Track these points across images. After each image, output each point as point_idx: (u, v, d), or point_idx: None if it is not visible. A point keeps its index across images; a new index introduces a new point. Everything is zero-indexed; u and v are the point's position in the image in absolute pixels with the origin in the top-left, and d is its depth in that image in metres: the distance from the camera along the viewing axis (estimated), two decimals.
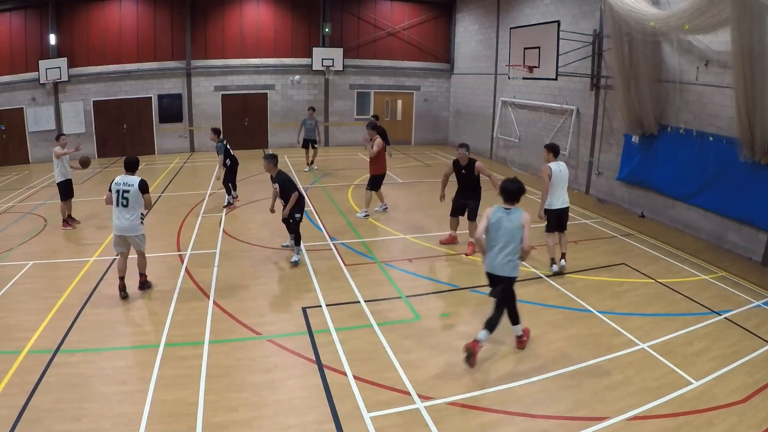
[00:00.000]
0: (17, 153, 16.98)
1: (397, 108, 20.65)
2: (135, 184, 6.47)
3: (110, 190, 6.52)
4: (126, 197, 6.45)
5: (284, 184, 7.70)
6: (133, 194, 6.45)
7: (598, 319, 6.26)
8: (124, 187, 6.47)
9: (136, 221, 6.55)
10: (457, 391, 4.79)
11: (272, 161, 7.80)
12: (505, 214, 5.24)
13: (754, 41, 7.13)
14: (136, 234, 6.62)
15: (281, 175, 7.75)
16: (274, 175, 7.81)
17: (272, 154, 7.94)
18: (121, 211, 6.48)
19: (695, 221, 9.65)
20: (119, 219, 6.50)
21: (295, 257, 7.90)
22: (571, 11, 12.89)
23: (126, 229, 6.53)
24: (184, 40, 17.91)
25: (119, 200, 6.46)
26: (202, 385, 4.83)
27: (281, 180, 7.71)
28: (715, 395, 4.76)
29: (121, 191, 6.46)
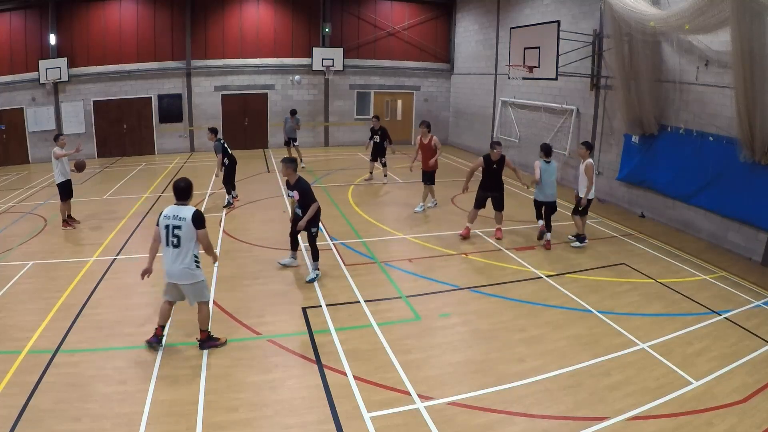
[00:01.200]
0: (17, 153, 16.99)
1: (397, 108, 20.65)
2: (188, 217, 5.12)
3: (158, 225, 5.24)
4: (177, 235, 5.11)
5: (305, 193, 7.03)
6: (185, 231, 5.10)
7: (598, 319, 6.26)
8: (174, 221, 5.12)
9: (190, 265, 5.18)
10: (457, 391, 4.79)
11: (292, 166, 7.07)
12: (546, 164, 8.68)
13: (754, 41, 7.13)
14: (192, 282, 5.24)
15: (302, 183, 7.07)
16: (292, 181, 7.06)
17: (292, 158, 7.25)
18: (172, 252, 5.15)
19: (695, 221, 9.65)
20: (170, 263, 5.18)
21: (312, 275, 7.26)
22: (571, 11, 12.88)
23: (178, 276, 5.18)
24: (184, 40, 17.91)
25: (169, 238, 5.14)
26: (202, 385, 4.83)
27: (301, 188, 7.03)
28: (715, 395, 4.76)
29: (171, 227, 5.13)
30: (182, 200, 5.27)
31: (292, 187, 7.11)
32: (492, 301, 6.70)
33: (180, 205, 5.25)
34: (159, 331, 5.42)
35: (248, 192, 12.52)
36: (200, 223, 5.16)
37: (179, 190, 5.27)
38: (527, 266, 7.89)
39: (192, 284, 5.26)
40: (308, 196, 7.06)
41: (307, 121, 19.64)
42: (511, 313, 6.41)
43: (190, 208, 5.21)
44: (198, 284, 5.30)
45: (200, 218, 5.18)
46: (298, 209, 7.24)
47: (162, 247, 5.23)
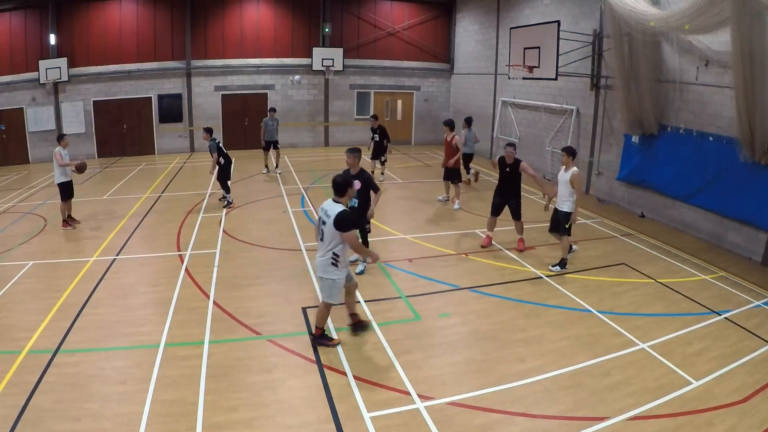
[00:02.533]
0: (17, 153, 17.00)
1: (397, 108, 20.65)
2: (332, 216, 5.07)
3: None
4: (322, 229, 5.20)
5: (368, 182, 7.12)
6: (328, 227, 5.11)
7: (598, 319, 6.26)
8: (323, 215, 5.21)
9: (326, 261, 5.19)
10: (457, 391, 4.79)
11: (359, 156, 7.11)
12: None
13: (754, 41, 7.13)
14: (323, 277, 5.27)
15: (365, 173, 7.17)
16: (355, 171, 7.07)
17: (357, 148, 7.28)
18: (318, 244, 5.28)
19: (695, 221, 9.65)
20: (316, 253, 5.35)
21: (360, 267, 7.57)
22: (571, 11, 12.88)
23: (317, 266, 5.33)
24: (184, 40, 17.91)
25: (318, 230, 5.29)
26: (202, 385, 4.83)
27: (365, 178, 7.09)
28: (715, 395, 4.76)
29: (320, 220, 5.26)
30: (338, 196, 5.27)
31: (354, 176, 6.97)
32: (492, 301, 6.70)
33: (335, 201, 5.26)
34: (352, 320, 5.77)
35: (248, 192, 12.52)
36: (341, 225, 5.04)
37: (336, 185, 5.29)
38: (527, 266, 7.89)
39: (323, 279, 5.31)
40: (372, 184, 7.16)
41: (307, 121, 19.66)
42: (511, 313, 6.41)
43: (339, 207, 5.14)
44: (327, 282, 5.27)
45: (342, 221, 5.04)
46: (355, 199, 7.16)
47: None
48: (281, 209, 10.94)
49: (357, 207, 7.15)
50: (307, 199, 11.80)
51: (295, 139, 19.61)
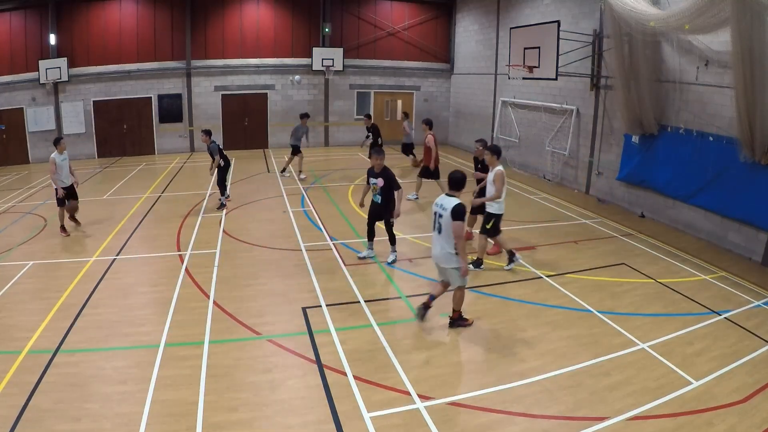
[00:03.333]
0: (17, 153, 17.00)
1: (397, 108, 20.65)
2: (449, 209, 5.50)
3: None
4: (440, 222, 5.64)
5: (390, 180, 7.52)
6: (445, 221, 5.55)
7: (598, 319, 6.26)
8: (439, 210, 5.65)
9: (449, 250, 5.61)
10: (457, 391, 4.79)
11: (383, 156, 7.57)
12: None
13: (754, 41, 7.12)
14: (449, 266, 5.70)
15: (388, 171, 7.58)
16: (379, 169, 7.52)
17: (382, 149, 7.82)
18: (435, 237, 5.76)
19: (695, 221, 9.65)
20: (433, 246, 5.83)
21: (391, 257, 7.93)
22: (571, 11, 12.88)
23: (438, 258, 5.77)
24: (184, 40, 17.91)
25: (434, 223, 5.74)
26: (202, 385, 4.83)
27: (387, 176, 7.52)
28: (715, 395, 4.76)
29: (437, 214, 5.69)
30: (454, 190, 5.66)
31: (378, 174, 7.53)
32: (492, 301, 6.70)
33: (450, 195, 5.64)
34: (427, 301, 5.92)
35: (248, 192, 12.52)
36: (457, 215, 5.48)
37: (453, 180, 5.68)
38: (527, 266, 7.89)
39: (450, 268, 5.69)
40: (395, 183, 7.56)
41: (307, 121, 19.63)
42: (511, 313, 6.41)
43: (455, 200, 5.56)
44: (451, 270, 5.70)
45: (459, 212, 5.49)
46: (379, 196, 7.63)
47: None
48: (281, 209, 10.94)
49: (380, 203, 7.66)
50: (307, 199, 11.80)
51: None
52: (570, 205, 11.71)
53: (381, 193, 7.62)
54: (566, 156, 13.35)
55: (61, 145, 9.33)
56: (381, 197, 7.63)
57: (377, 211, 7.81)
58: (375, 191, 7.73)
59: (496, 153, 7.44)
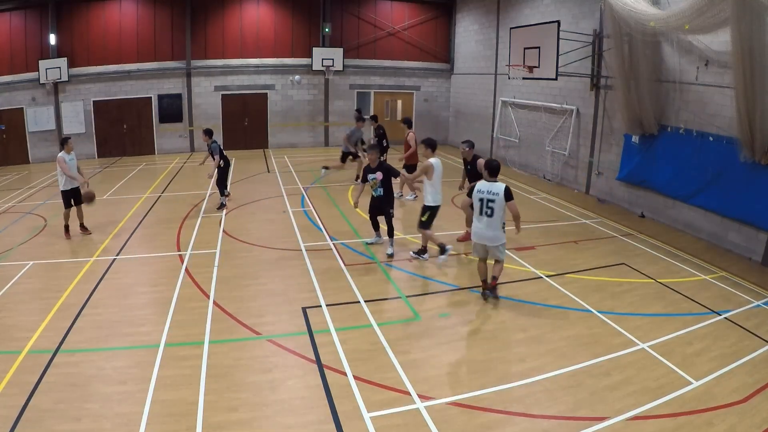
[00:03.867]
0: (17, 153, 17.00)
1: (397, 108, 20.65)
2: (501, 192, 6.20)
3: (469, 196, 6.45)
4: (491, 207, 6.22)
5: (389, 171, 8.03)
6: (498, 203, 6.20)
7: (598, 319, 6.26)
8: (488, 196, 6.24)
9: (499, 231, 6.32)
10: (457, 391, 4.79)
11: (377, 152, 8.15)
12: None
13: (754, 41, 7.12)
14: (498, 244, 6.38)
15: (384, 163, 8.16)
16: (375, 164, 8.03)
17: (375, 144, 8.35)
18: (485, 221, 6.30)
19: (695, 221, 9.65)
20: (481, 228, 6.36)
21: (390, 250, 8.26)
22: (571, 11, 12.89)
23: (488, 238, 6.35)
24: (184, 40, 17.92)
25: (483, 209, 6.27)
26: (202, 385, 4.83)
27: (385, 168, 8.03)
28: (715, 395, 4.76)
29: (485, 200, 6.25)
30: (494, 177, 6.32)
31: (375, 169, 8.00)
32: (492, 301, 6.70)
33: (491, 181, 6.30)
34: (484, 285, 6.60)
35: (248, 192, 12.52)
36: (510, 195, 6.22)
37: (494, 168, 6.35)
38: (527, 266, 7.89)
39: (498, 245, 6.38)
40: (393, 171, 8.08)
41: (307, 121, 19.67)
42: (511, 313, 6.41)
43: (500, 184, 6.26)
44: (502, 245, 6.43)
45: (510, 192, 6.23)
46: (380, 188, 8.03)
47: (475, 215, 6.41)
48: (281, 209, 10.94)
49: (382, 195, 8.05)
50: (307, 199, 11.80)
51: (295, 139, 19.63)
52: (570, 205, 11.71)
53: (381, 185, 8.00)
54: (566, 156, 13.36)
55: (69, 145, 9.08)
56: (382, 189, 8.02)
57: (378, 205, 8.20)
58: (375, 186, 8.04)
59: (430, 146, 7.81)
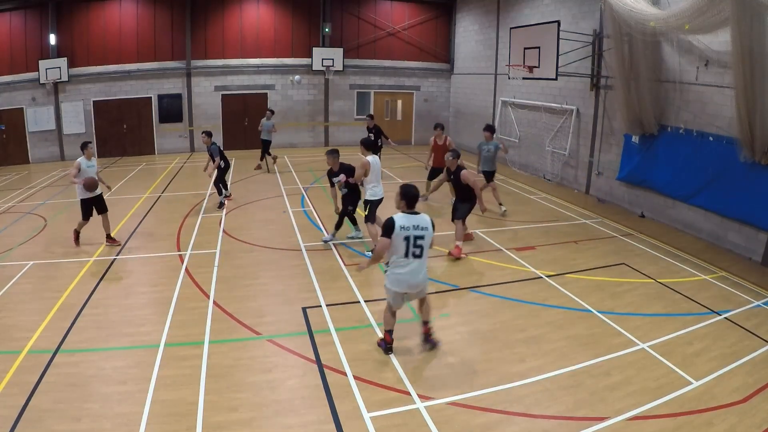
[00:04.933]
0: (17, 153, 17.00)
1: (397, 108, 20.65)
2: (429, 225, 4.98)
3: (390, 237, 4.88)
4: (420, 245, 4.94)
5: (350, 169, 8.31)
6: (428, 240, 4.97)
7: (598, 319, 6.26)
8: (416, 232, 4.91)
9: (426, 270, 5.18)
10: (457, 391, 4.79)
11: (337, 155, 8.39)
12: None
13: (754, 41, 7.12)
14: (426, 284, 5.29)
15: (344, 165, 8.41)
16: (336, 168, 8.33)
17: (335, 149, 8.51)
18: (416, 263, 4.99)
19: (695, 221, 9.65)
20: (415, 273, 5.01)
21: (328, 236, 8.75)
22: (571, 11, 12.89)
23: (418, 284, 5.10)
24: (184, 40, 17.91)
25: (410, 249, 4.92)
26: (202, 385, 4.83)
27: (346, 168, 8.34)
28: (715, 395, 4.76)
29: (412, 237, 4.90)
30: (414, 208, 5.05)
31: (337, 172, 8.34)
32: (492, 301, 6.70)
33: (413, 213, 5.01)
34: (388, 336, 5.37)
35: (248, 192, 12.52)
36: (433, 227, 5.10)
37: (413, 197, 5.03)
38: (527, 266, 7.89)
39: (426, 286, 5.33)
40: (353, 170, 8.27)
41: (307, 121, 19.67)
42: (511, 313, 6.41)
43: (424, 216, 5.05)
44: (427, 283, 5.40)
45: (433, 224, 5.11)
46: (345, 189, 8.39)
47: (396, 258, 4.99)
48: (281, 209, 10.94)
49: (348, 195, 8.43)
50: (307, 199, 11.80)
51: (295, 139, 19.62)
52: (570, 205, 11.71)
53: (347, 186, 8.37)
54: (566, 156, 13.35)
55: (89, 150, 8.48)
56: (348, 189, 8.42)
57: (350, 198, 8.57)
58: (341, 186, 8.43)
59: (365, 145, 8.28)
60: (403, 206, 5.04)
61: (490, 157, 10.71)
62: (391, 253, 4.98)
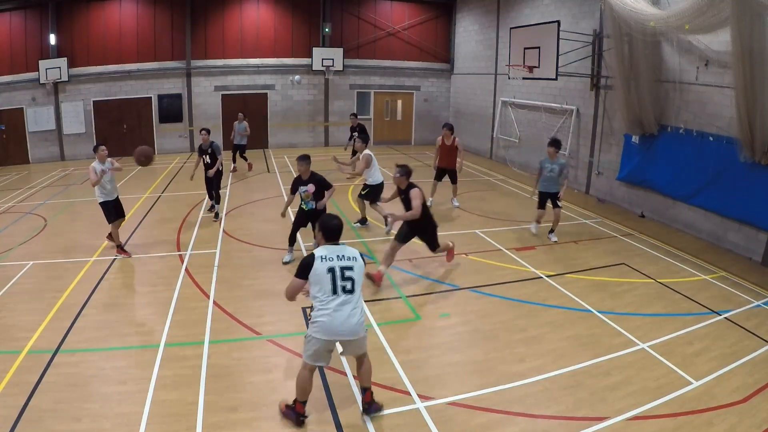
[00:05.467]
0: (17, 153, 17.00)
1: (397, 108, 20.65)
2: (358, 257, 4.22)
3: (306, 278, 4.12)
4: (350, 277, 4.08)
5: (321, 183, 7.53)
6: (358, 270, 4.17)
7: (598, 319, 6.26)
8: (342, 263, 4.10)
9: (361, 312, 4.18)
10: (457, 391, 4.79)
11: (309, 162, 7.52)
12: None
13: (754, 41, 7.12)
14: (364, 334, 4.20)
15: (316, 175, 7.58)
16: (306, 176, 7.51)
17: (306, 155, 7.61)
18: (343, 302, 4.05)
19: (695, 221, 9.65)
20: (344, 316, 4.04)
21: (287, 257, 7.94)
22: (571, 11, 12.89)
23: (354, 330, 4.08)
24: (184, 40, 17.91)
25: (337, 284, 4.05)
26: (202, 385, 4.83)
27: (317, 179, 7.52)
28: (715, 395, 4.76)
29: (338, 269, 4.07)
30: (337, 241, 4.29)
31: (307, 180, 7.47)
32: (492, 301, 6.70)
33: (335, 243, 4.27)
34: (301, 407, 4.27)
35: (248, 192, 12.52)
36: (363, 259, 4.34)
37: (336, 229, 4.26)
38: (527, 266, 7.89)
39: (363, 336, 4.19)
40: (325, 184, 7.55)
41: (307, 121, 19.67)
42: (511, 313, 6.41)
43: (349, 247, 4.27)
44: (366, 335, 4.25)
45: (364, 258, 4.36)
46: (311, 202, 7.55)
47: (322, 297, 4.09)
48: (281, 209, 10.91)
49: (313, 209, 7.56)
50: None
51: (294, 139, 19.62)
52: (570, 205, 11.70)
53: (313, 199, 7.51)
54: (566, 156, 13.34)
55: (101, 153, 8.10)
56: (314, 204, 7.52)
57: (306, 218, 7.70)
58: (307, 198, 7.55)
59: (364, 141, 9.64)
60: (322, 239, 4.30)
61: (554, 177, 8.92)
62: (313, 294, 4.11)
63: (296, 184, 7.63)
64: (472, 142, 18.66)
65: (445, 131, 10.98)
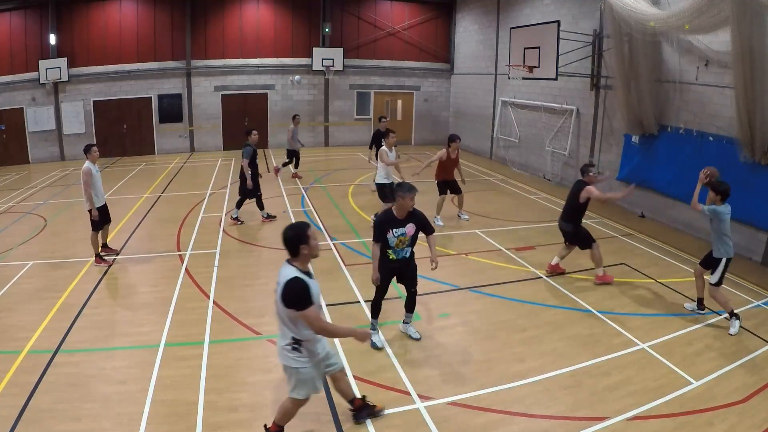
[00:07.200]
0: (17, 153, 17.00)
1: (397, 108, 20.65)
2: (282, 281, 3.74)
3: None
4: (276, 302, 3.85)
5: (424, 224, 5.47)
6: (278, 303, 3.80)
7: (598, 319, 6.26)
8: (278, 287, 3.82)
9: (285, 346, 3.82)
10: (457, 391, 4.79)
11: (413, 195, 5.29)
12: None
13: (754, 41, 7.13)
14: (285, 365, 3.84)
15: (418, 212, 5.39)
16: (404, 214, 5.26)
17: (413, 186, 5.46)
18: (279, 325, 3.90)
19: (695, 221, 9.65)
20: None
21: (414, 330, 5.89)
22: (571, 11, 12.88)
23: (278, 353, 3.92)
24: (184, 40, 17.91)
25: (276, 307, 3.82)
26: (202, 385, 4.83)
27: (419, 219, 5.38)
28: (715, 395, 4.76)
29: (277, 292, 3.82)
30: (292, 255, 3.82)
31: (406, 220, 5.20)
32: (492, 301, 6.70)
33: (288, 262, 3.84)
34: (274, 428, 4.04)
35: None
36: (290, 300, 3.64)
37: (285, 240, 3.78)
38: (527, 266, 7.89)
39: (285, 367, 3.84)
40: (428, 227, 5.44)
41: (307, 121, 19.65)
42: (511, 313, 6.41)
43: (292, 270, 3.75)
44: (291, 371, 3.80)
45: (292, 291, 3.63)
46: (408, 248, 5.33)
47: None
48: (281, 209, 10.93)
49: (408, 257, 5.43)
50: (307, 199, 11.80)
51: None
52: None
53: (411, 244, 5.34)
54: (566, 156, 13.35)
55: (93, 153, 7.61)
56: (410, 249, 5.36)
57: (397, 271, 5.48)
58: (401, 246, 5.27)
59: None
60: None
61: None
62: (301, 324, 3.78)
63: (385, 225, 5.20)
64: (472, 142, 18.66)
65: (454, 145, 9.74)
